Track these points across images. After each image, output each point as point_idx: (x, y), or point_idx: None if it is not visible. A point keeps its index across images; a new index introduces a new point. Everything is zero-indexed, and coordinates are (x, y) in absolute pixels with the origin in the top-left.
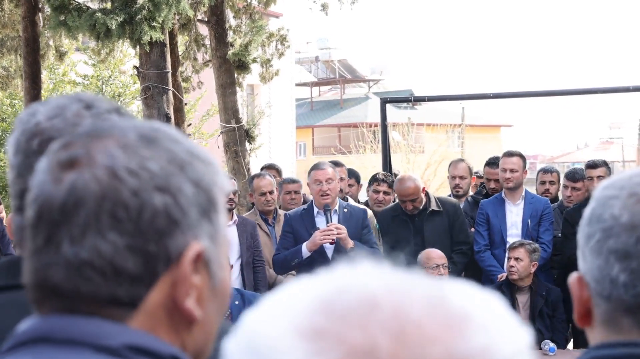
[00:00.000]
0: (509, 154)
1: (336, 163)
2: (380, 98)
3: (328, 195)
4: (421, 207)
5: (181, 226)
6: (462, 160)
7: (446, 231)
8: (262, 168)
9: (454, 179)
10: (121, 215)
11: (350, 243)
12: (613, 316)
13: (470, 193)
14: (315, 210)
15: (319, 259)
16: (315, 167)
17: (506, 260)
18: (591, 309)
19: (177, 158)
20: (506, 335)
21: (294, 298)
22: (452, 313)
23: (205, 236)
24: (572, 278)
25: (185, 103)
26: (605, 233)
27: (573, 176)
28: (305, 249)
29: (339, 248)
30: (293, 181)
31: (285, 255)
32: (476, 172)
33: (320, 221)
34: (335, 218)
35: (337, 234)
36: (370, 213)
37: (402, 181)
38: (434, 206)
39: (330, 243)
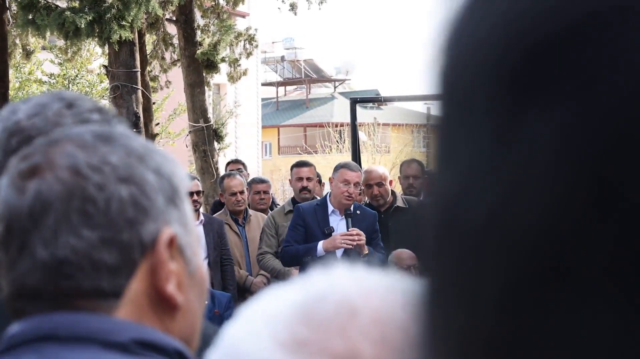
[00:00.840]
0: None
1: (305, 163)
2: (350, 99)
3: (351, 198)
4: (387, 201)
5: (150, 213)
6: (415, 159)
7: (412, 228)
8: (227, 164)
9: (407, 179)
10: (90, 210)
11: (366, 249)
12: None
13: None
14: (330, 208)
15: (325, 256)
16: (347, 166)
17: None
18: None
19: (135, 151)
20: None
21: (273, 309)
22: None
23: (175, 222)
24: None
25: (154, 103)
26: None
27: None
28: (322, 248)
29: (349, 251)
30: (262, 181)
31: (298, 249)
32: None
33: (333, 220)
34: (349, 222)
35: (358, 241)
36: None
37: (369, 169)
38: (400, 203)
39: (350, 248)
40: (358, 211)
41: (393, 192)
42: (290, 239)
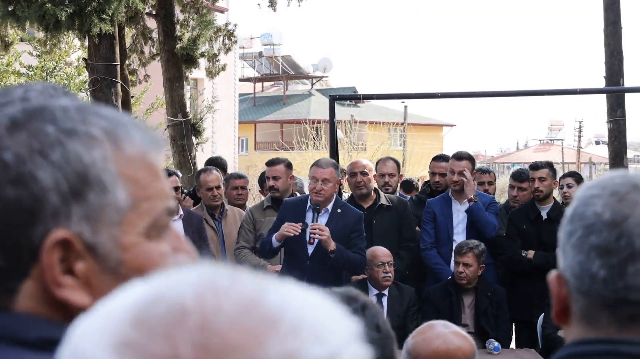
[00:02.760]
0: (459, 157)
1: (282, 161)
2: (329, 96)
3: (320, 194)
4: (369, 191)
5: (39, 215)
6: (390, 158)
7: (394, 226)
8: (206, 163)
9: (383, 177)
10: None
11: (332, 246)
12: (591, 311)
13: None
14: (309, 204)
15: (299, 252)
16: (316, 164)
17: (452, 261)
18: (569, 306)
19: (42, 141)
20: (319, 338)
21: (113, 308)
22: (261, 318)
23: (77, 220)
24: (552, 275)
25: (132, 96)
26: (587, 230)
27: (519, 176)
28: (275, 240)
29: (319, 248)
30: (240, 176)
31: (264, 241)
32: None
33: (309, 216)
34: (324, 218)
35: (319, 235)
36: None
37: (354, 160)
38: (383, 201)
39: (310, 243)
40: (339, 210)
41: (377, 190)
42: (271, 232)
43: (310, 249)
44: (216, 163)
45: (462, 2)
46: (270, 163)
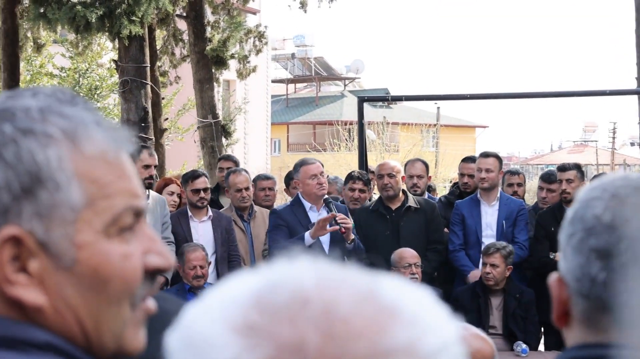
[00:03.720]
0: (485, 155)
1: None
2: (358, 97)
3: (325, 187)
4: (396, 193)
5: None
6: (419, 159)
7: (422, 228)
8: (219, 160)
9: (412, 178)
10: None
11: (352, 236)
12: (591, 314)
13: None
14: (308, 205)
15: (316, 251)
16: (305, 162)
17: (481, 263)
18: (570, 309)
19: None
20: (433, 329)
21: (231, 293)
22: (380, 307)
23: (28, 217)
24: (552, 278)
25: (163, 98)
26: (587, 232)
27: (548, 178)
28: (309, 237)
29: (335, 241)
30: (267, 177)
31: (285, 246)
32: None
33: (313, 216)
34: (324, 213)
35: (345, 224)
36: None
37: (382, 162)
38: (411, 203)
39: (342, 232)
40: (330, 200)
41: (405, 192)
42: (277, 238)
43: (326, 246)
44: (229, 158)
45: (496, 3)
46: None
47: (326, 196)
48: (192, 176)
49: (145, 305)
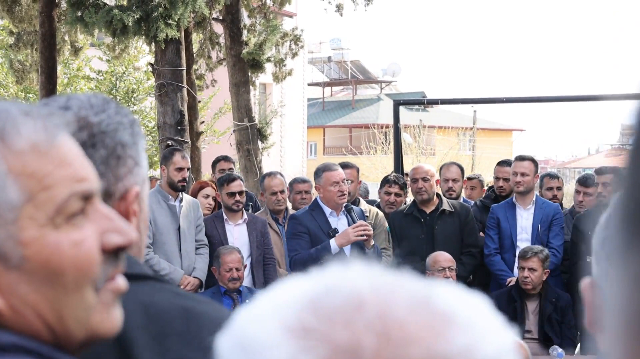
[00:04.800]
0: (521, 158)
1: (347, 165)
2: (393, 100)
3: (345, 195)
4: (430, 197)
5: None
6: (454, 163)
7: (457, 232)
8: (216, 161)
9: (447, 182)
10: None
11: (372, 242)
12: None
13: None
14: (328, 210)
15: (339, 257)
16: (327, 169)
17: (516, 266)
18: (602, 314)
19: None
20: (489, 336)
21: (284, 297)
22: (435, 313)
23: None
24: (584, 282)
25: (199, 101)
26: None
27: (585, 181)
28: (335, 245)
29: (355, 247)
30: (304, 181)
31: (310, 253)
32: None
33: (334, 221)
34: (343, 220)
35: (367, 232)
36: (381, 214)
37: (416, 165)
38: (446, 207)
39: (365, 241)
40: (350, 207)
41: (439, 195)
42: (297, 247)
43: (347, 251)
44: (228, 159)
45: (533, 7)
46: (343, 167)
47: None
48: (227, 179)
49: (113, 285)
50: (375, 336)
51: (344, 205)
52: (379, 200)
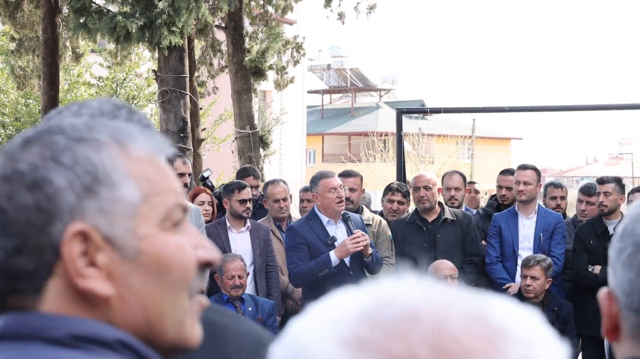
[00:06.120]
0: (524, 167)
1: (351, 174)
2: (397, 109)
3: (343, 202)
4: (432, 205)
5: (56, 214)
6: (456, 171)
7: (459, 240)
8: (238, 173)
9: (449, 190)
10: (3, 220)
11: (370, 250)
12: None
13: (482, 204)
14: (325, 219)
15: (340, 267)
16: (324, 176)
17: (518, 274)
18: (619, 323)
19: (53, 149)
20: (543, 350)
21: (338, 308)
22: (490, 327)
23: (92, 214)
24: (602, 292)
25: (200, 108)
26: (637, 248)
27: (588, 190)
28: (335, 257)
29: (354, 256)
30: (307, 189)
31: (311, 266)
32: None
33: (332, 229)
34: (342, 228)
35: (365, 242)
36: (384, 222)
37: (418, 174)
38: (448, 215)
39: (363, 252)
40: (348, 215)
41: (441, 204)
42: (295, 259)
43: (347, 260)
44: (249, 173)
45: (530, 17)
46: (347, 175)
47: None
48: (238, 186)
49: (199, 298)
50: (431, 349)
51: (342, 213)
52: (381, 208)
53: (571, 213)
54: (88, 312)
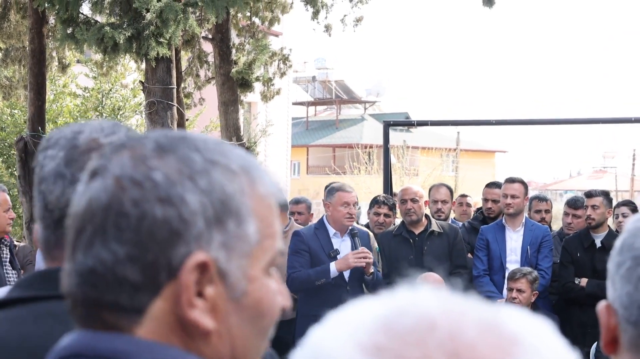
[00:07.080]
0: (511, 180)
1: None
2: (384, 122)
3: (353, 219)
4: (420, 218)
5: (184, 237)
6: (443, 184)
7: (445, 253)
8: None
9: (436, 203)
10: (123, 224)
11: (372, 269)
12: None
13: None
14: (332, 231)
15: (338, 280)
16: (342, 189)
17: (505, 288)
18: (618, 336)
19: (191, 167)
20: (555, 358)
21: (357, 317)
22: (504, 335)
23: (216, 246)
24: (601, 305)
25: (187, 119)
26: (636, 261)
27: (574, 203)
28: (335, 269)
29: (355, 272)
30: (298, 201)
31: (309, 274)
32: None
33: (336, 242)
34: (347, 242)
35: (368, 260)
36: (371, 235)
37: (405, 186)
38: (435, 227)
39: (364, 268)
40: (356, 231)
41: (428, 216)
42: (296, 264)
43: (347, 275)
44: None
45: (515, 30)
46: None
47: (352, 227)
48: None
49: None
50: (447, 356)
51: (350, 228)
52: (367, 221)
53: (556, 226)
54: (183, 342)
